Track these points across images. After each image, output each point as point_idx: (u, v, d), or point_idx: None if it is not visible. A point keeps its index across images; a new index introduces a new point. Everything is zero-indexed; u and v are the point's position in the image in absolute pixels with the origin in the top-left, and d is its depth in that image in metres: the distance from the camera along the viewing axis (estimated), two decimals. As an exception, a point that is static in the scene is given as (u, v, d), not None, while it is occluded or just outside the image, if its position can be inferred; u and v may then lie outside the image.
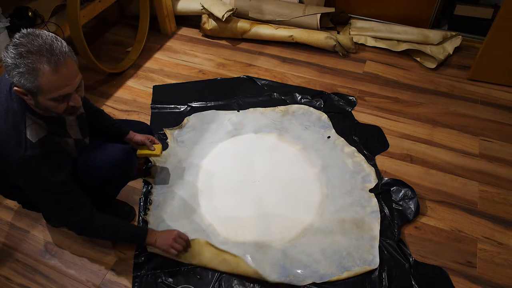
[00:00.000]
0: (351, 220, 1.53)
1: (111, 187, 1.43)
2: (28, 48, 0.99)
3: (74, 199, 1.21)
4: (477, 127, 1.94)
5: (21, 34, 1.02)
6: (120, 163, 1.35)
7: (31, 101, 1.07)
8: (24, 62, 0.98)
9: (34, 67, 0.99)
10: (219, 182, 1.69)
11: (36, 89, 1.02)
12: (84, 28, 2.07)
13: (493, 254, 1.45)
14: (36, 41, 1.00)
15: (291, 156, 1.78)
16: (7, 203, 1.64)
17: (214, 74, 2.30)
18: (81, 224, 1.23)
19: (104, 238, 1.41)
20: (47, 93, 1.03)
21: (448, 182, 1.69)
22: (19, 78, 1.00)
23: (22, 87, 1.02)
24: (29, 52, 0.99)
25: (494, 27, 1.98)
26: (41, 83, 1.01)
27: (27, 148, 1.09)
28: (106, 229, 1.29)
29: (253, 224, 1.53)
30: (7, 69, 1.01)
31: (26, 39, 1.00)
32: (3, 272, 1.43)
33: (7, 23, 1.77)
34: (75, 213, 1.22)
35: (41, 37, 1.01)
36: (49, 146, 1.14)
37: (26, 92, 1.04)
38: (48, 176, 1.14)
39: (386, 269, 1.39)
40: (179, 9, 2.63)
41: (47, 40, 1.01)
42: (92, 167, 1.29)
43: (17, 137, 1.09)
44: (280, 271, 1.38)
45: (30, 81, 1.00)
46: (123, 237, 1.34)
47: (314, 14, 2.44)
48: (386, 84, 2.21)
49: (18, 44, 0.99)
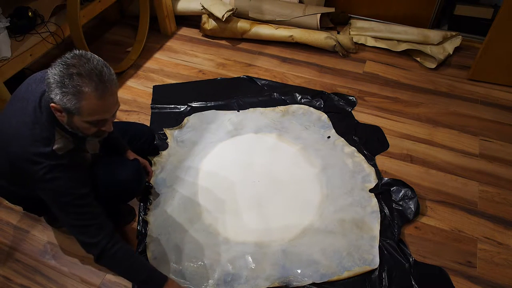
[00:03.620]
0: (351, 220, 1.53)
1: (117, 202, 1.45)
2: (79, 70, 1.00)
3: (95, 217, 1.17)
4: (477, 127, 1.94)
5: (73, 55, 1.03)
6: (132, 180, 1.38)
7: (63, 118, 1.08)
8: (72, 83, 1.00)
9: (81, 90, 1.01)
10: (219, 182, 1.69)
11: (75, 110, 1.03)
12: (84, 28, 2.07)
13: (493, 254, 1.45)
14: (88, 65, 1.01)
15: (291, 156, 1.78)
16: (7, 203, 1.64)
17: (214, 74, 2.30)
18: (100, 247, 1.16)
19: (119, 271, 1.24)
20: (85, 116, 1.05)
21: (448, 182, 1.69)
22: (62, 97, 1.01)
23: (61, 105, 1.03)
24: (79, 74, 1.00)
25: (494, 27, 1.98)
26: (83, 105, 1.02)
27: (53, 159, 1.10)
28: (124, 260, 1.19)
29: (253, 224, 1.53)
30: (51, 85, 1.02)
31: (78, 61, 1.02)
32: (3, 272, 1.43)
33: (7, 23, 1.77)
34: (95, 233, 1.16)
35: (92, 62, 1.03)
36: (74, 159, 1.16)
37: (62, 110, 1.05)
38: (71, 187, 1.13)
39: (386, 269, 1.39)
40: (179, 9, 2.63)
41: (98, 65, 1.03)
42: (105, 183, 1.30)
43: (44, 149, 1.09)
44: (280, 271, 1.38)
45: (72, 102, 1.02)
46: (139, 275, 1.21)
47: (314, 14, 2.44)
48: (386, 84, 2.21)
49: (70, 65, 1.01)
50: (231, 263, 1.41)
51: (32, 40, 1.86)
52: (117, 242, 1.19)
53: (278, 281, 1.36)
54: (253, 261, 1.41)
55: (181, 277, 1.37)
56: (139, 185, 1.43)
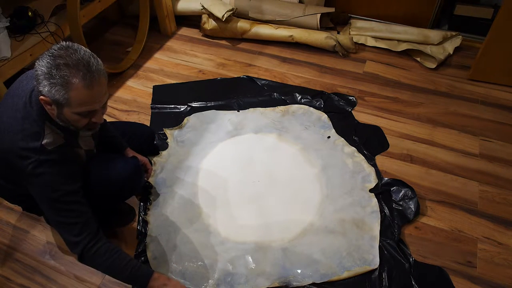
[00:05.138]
0: (351, 220, 1.53)
1: (116, 200, 1.43)
2: (66, 61, 1.01)
3: (80, 215, 1.15)
4: (477, 127, 1.94)
5: (60, 46, 1.03)
6: (131, 178, 1.36)
7: (53, 111, 1.08)
8: (60, 74, 1.00)
9: (69, 80, 1.01)
10: (219, 182, 1.69)
11: (64, 101, 1.03)
12: (84, 28, 2.07)
13: (493, 254, 1.45)
14: (75, 56, 1.02)
15: (291, 156, 1.78)
16: (6, 203, 1.64)
17: (214, 74, 2.30)
18: (81, 246, 1.15)
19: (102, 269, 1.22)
20: (75, 107, 1.05)
21: (448, 182, 1.69)
22: (50, 88, 1.01)
23: (50, 97, 1.03)
24: (66, 65, 1.01)
25: (494, 27, 1.98)
26: (71, 96, 1.03)
27: (42, 153, 1.09)
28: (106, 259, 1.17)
29: (253, 224, 1.53)
30: (39, 77, 1.02)
31: (65, 52, 1.02)
32: (3, 272, 1.43)
33: (7, 23, 1.77)
34: (79, 231, 1.15)
35: (79, 52, 1.03)
36: (64, 154, 1.15)
37: (52, 102, 1.05)
38: (60, 183, 1.12)
39: (386, 269, 1.39)
40: (179, 9, 2.63)
41: (85, 56, 1.04)
42: (103, 180, 1.29)
43: (33, 144, 1.09)
44: (280, 271, 1.38)
45: (60, 93, 1.02)
46: (122, 272, 1.19)
47: (314, 14, 2.44)
48: (386, 84, 2.21)
49: (56, 56, 1.01)
50: (231, 263, 1.41)
51: (32, 40, 1.86)
52: (98, 240, 1.17)
53: (278, 281, 1.36)
54: (253, 261, 1.41)
55: (181, 277, 1.37)
56: (138, 182, 1.42)
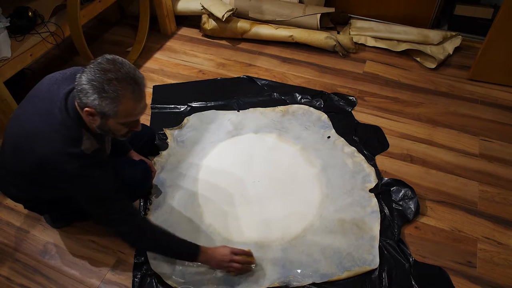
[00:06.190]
0: (351, 220, 1.53)
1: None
2: (117, 75, 1.03)
3: (126, 208, 1.24)
4: (477, 127, 1.94)
5: (107, 60, 1.06)
6: (142, 181, 1.47)
7: (95, 122, 1.11)
8: (112, 88, 1.03)
9: (120, 94, 1.04)
10: (219, 182, 1.69)
11: (113, 113, 1.06)
12: (84, 28, 2.07)
13: (493, 254, 1.45)
14: (123, 70, 1.05)
15: (291, 156, 1.78)
16: (7, 203, 1.64)
17: (214, 74, 2.30)
18: (134, 234, 1.24)
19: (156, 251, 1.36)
20: (121, 118, 1.09)
21: (448, 182, 1.69)
22: (100, 101, 1.04)
23: (98, 109, 1.06)
24: (117, 79, 1.03)
25: (494, 27, 1.98)
26: (121, 109, 1.06)
27: (84, 158, 1.13)
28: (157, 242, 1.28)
29: (253, 224, 1.53)
30: (87, 90, 1.04)
31: (113, 66, 1.04)
32: (3, 272, 1.43)
33: (7, 23, 1.77)
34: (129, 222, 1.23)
35: (125, 66, 1.06)
36: (101, 157, 1.22)
37: (97, 113, 1.07)
38: (104, 183, 1.18)
39: (386, 269, 1.39)
40: (179, 9, 2.63)
41: (130, 69, 1.07)
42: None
43: (74, 150, 1.11)
44: (280, 271, 1.38)
45: (110, 106, 1.05)
46: (175, 251, 1.31)
47: (314, 14, 2.44)
48: (386, 84, 2.21)
49: (106, 70, 1.03)
50: (231, 263, 1.41)
51: (32, 40, 1.86)
52: (147, 224, 1.28)
53: (278, 281, 1.36)
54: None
55: (181, 277, 1.37)
56: (146, 185, 1.51)
